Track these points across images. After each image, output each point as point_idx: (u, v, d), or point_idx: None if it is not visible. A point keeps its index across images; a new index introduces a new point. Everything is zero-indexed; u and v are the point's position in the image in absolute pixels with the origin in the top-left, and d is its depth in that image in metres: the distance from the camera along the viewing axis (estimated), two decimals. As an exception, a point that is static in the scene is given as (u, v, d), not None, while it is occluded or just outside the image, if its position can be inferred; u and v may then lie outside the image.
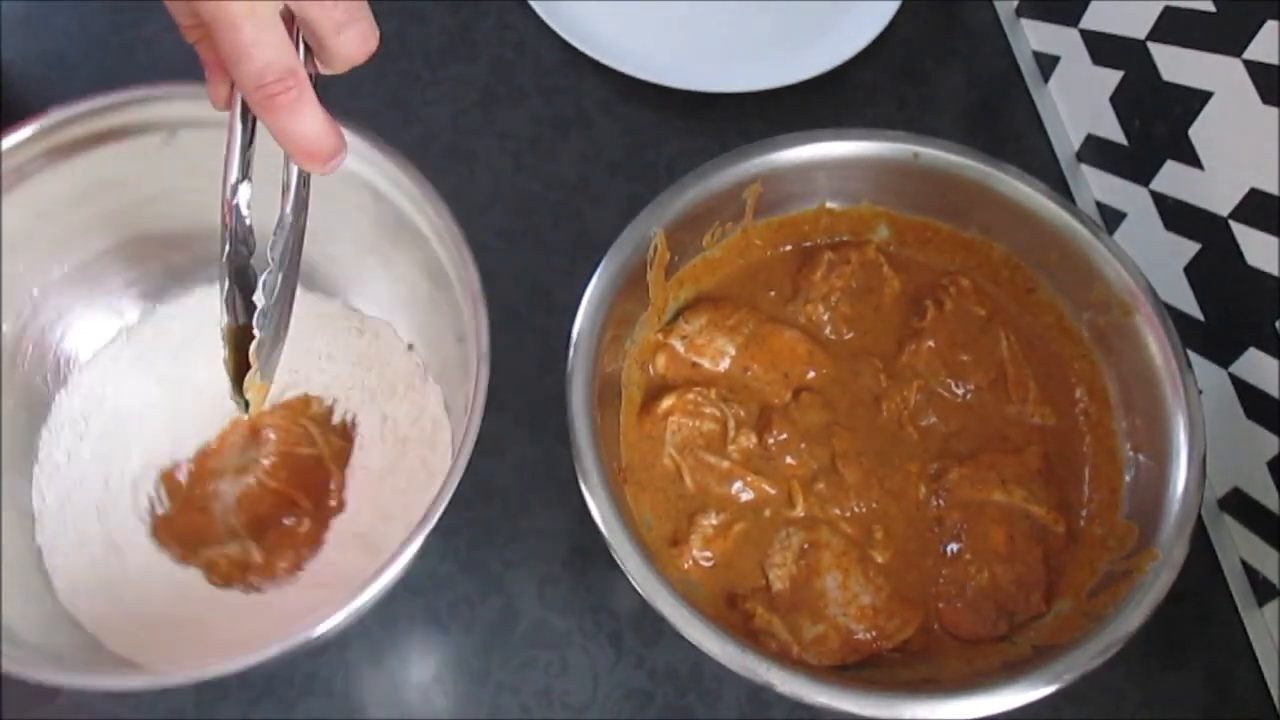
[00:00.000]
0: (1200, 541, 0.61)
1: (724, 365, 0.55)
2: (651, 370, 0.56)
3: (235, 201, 0.42)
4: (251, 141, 0.42)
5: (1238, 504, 0.61)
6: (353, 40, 0.39)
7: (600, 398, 0.50)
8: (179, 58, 0.45)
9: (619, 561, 0.45)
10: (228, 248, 0.43)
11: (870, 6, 0.75)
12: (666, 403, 0.53)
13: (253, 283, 0.44)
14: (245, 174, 0.42)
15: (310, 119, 0.39)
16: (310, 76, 0.39)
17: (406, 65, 0.73)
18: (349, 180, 0.51)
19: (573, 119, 0.72)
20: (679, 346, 0.55)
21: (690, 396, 0.53)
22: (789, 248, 0.59)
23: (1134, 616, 0.45)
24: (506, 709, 0.55)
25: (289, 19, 0.38)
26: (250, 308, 0.43)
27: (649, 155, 0.71)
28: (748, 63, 0.73)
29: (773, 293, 0.58)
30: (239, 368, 0.45)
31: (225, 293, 0.44)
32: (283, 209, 0.43)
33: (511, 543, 0.59)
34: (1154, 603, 0.45)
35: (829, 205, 0.57)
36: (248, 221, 0.43)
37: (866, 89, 0.74)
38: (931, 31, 0.77)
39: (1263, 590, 0.59)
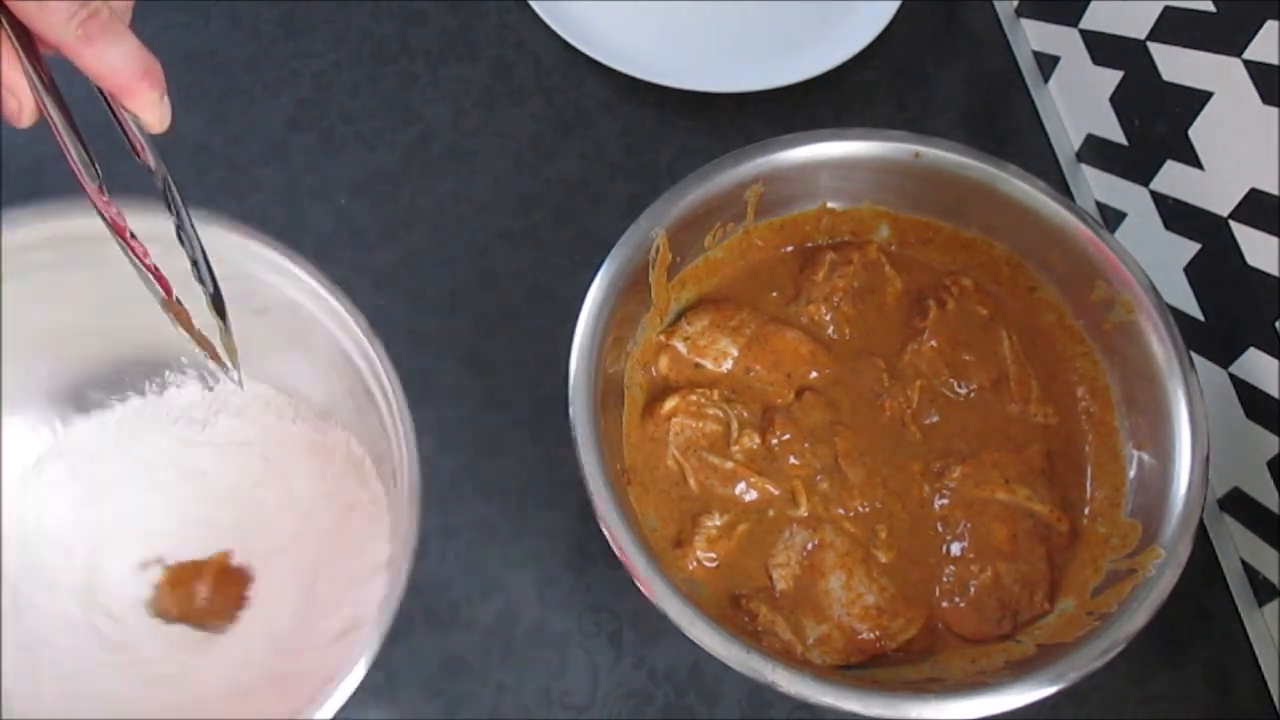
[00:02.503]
0: (1200, 541, 0.61)
1: (726, 366, 0.55)
2: (654, 371, 0.55)
3: (100, 189, 0.39)
4: (74, 124, 0.38)
5: (1238, 504, 0.61)
6: None
7: (603, 399, 0.50)
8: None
9: (625, 563, 0.45)
10: (123, 231, 0.40)
11: (870, 6, 0.75)
12: (669, 404, 0.53)
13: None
14: (90, 155, 0.39)
15: (129, 38, 0.36)
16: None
17: (406, 65, 0.72)
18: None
19: (573, 119, 0.72)
20: (681, 348, 0.55)
21: (693, 398, 0.53)
22: (791, 248, 0.59)
23: (1138, 615, 0.45)
24: (506, 709, 0.55)
25: None
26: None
27: (649, 155, 0.71)
28: (748, 63, 0.73)
29: (775, 293, 0.58)
30: (200, 338, 0.44)
31: (142, 272, 0.42)
32: (149, 165, 0.40)
33: (511, 543, 0.59)
34: (1158, 601, 0.45)
35: (830, 205, 0.57)
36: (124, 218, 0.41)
37: (866, 89, 0.74)
38: (931, 32, 0.77)
39: (1263, 590, 0.60)
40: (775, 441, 0.53)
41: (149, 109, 0.38)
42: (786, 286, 0.58)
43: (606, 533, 0.46)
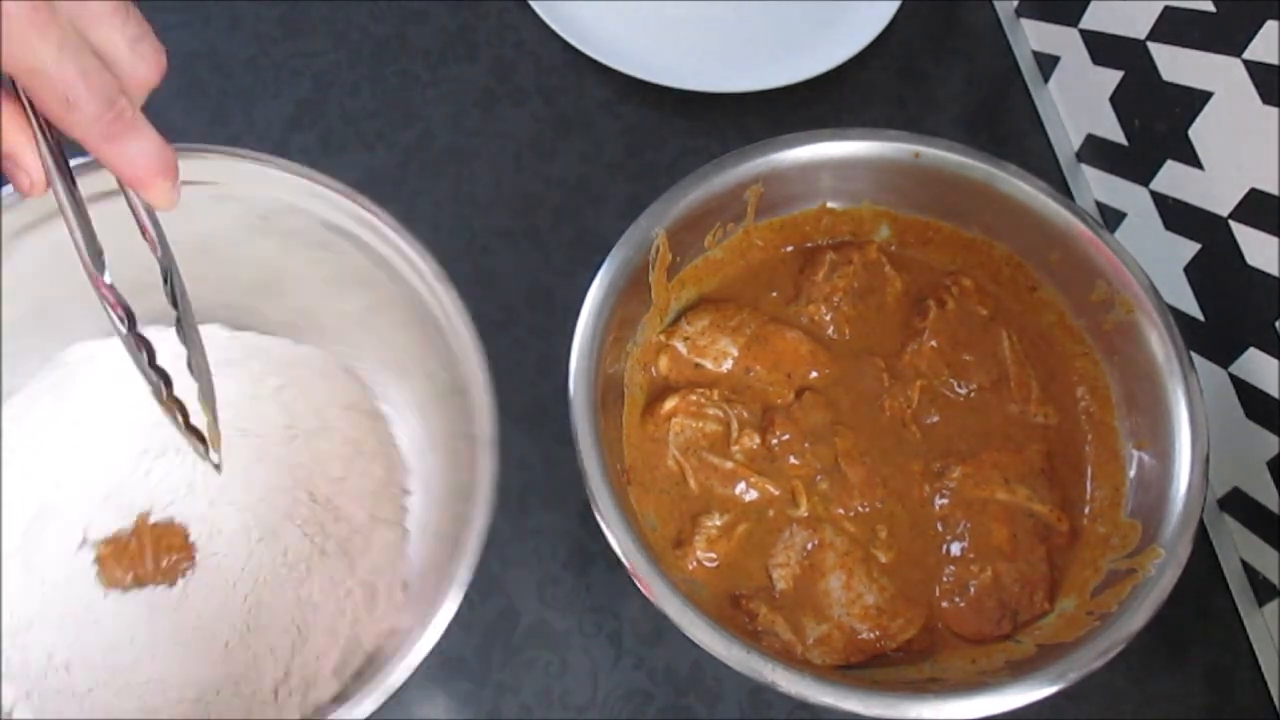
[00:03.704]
0: (1200, 541, 0.61)
1: (726, 366, 0.55)
2: (654, 371, 0.55)
3: (105, 277, 0.40)
4: (85, 211, 0.39)
5: (1238, 504, 0.61)
6: (148, 54, 0.37)
7: (603, 399, 0.50)
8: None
9: (625, 564, 0.45)
10: (123, 325, 0.41)
11: (870, 6, 0.75)
12: (669, 404, 0.53)
13: (150, 345, 0.42)
14: (97, 244, 0.40)
15: (149, 134, 0.37)
16: None
17: (406, 65, 0.72)
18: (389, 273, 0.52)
19: (573, 119, 0.72)
20: (681, 348, 0.55)
21: (693, 398, 0.53)
22: (791, 248, 0.59)
23: (1138, 615, 0.45)
24: (506, 709, 0.55)
25: None
26: (162, 371, 0.42)
27: (649, 155, 0.71)
28: (748, 63, 0.73)
29: (775, 293, 0.58)
30: (190, 425, 0.44)
31: (142, 367, 0.42)
32: (155, 251, 0.42)
33: (511, 543, 0.59)
34: (1158, 601, 0.45)
35: (830, 205, 0.57)
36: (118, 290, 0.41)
37: (866, 89, 0.75)
38: (931, 31, 0.77)
39: (1263, 590, 0.60)
40: (775, 441, 0.53)
41: (160, 197, 0.39)
42: (786, 286, 0.58)
43: (606, 533, 0.46)
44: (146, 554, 0.52)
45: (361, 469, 0.54)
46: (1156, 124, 0.64)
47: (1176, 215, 0.63)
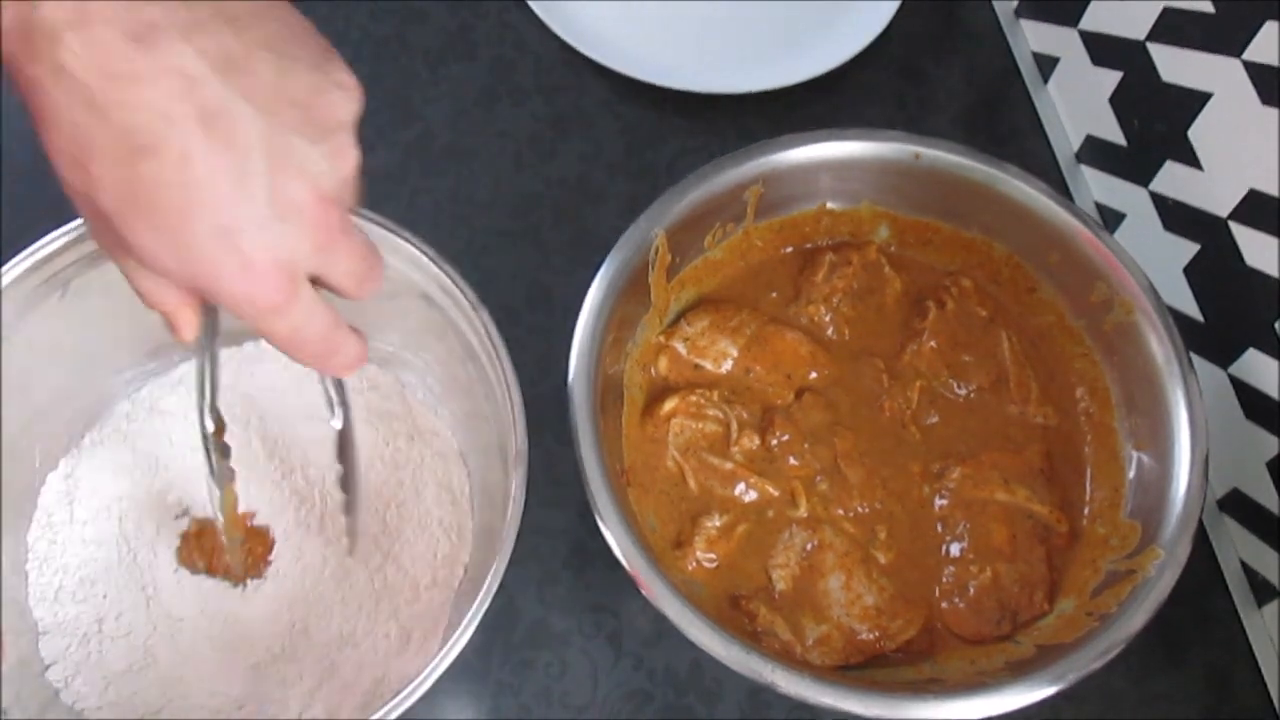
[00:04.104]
0: (1200, 542, 0.60)
1: (726, 367, 0.55)
2: (653, 372, 0.55)
3: (209, 424, 0.43)
4: (216, 369, 0.42)
5: (1237, 505, 0.61)
6: (371, 288, 0.38)
7: (602, 400, 0.50)
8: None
9: (624, 564, 0.45)
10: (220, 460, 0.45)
11: (870, 7, 0.75)
12: (669, 405, 0.53)
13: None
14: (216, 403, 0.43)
15: (352, 344, 0.38)
16: None
17: (406, 65, 0.72)
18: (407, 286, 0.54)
19: (573, 119, 0.72)
20: (681, 348, 0.55)
21: (693, 398, 0.53)
22: (790, 249, 0.59)
23: (1138, 615, 0.45)
24: (506, 709, 0.55)
25: None
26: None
27: (649, 155, 0.71)
28: (747, 63, 0.73)
29: (774, 294, 0.58)
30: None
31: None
32: (334, 417, 0.45)
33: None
34: (1157, 601, 0.45)
35: (830, 206, 0.57)
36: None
37: (866, 89, 0.74)
38: (931, 32, 0.77)
39: (1262, 591, 0.60)
40: (775, 442, 0.53)
41: (348, 376, 0.42)
42: (786, 287, 0.58)
43: (605, 534, 0.46)
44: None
45: (433, 539, 0.55)
46: (1156, 125, 0.64)
47: (1176, 216, 0.63)
